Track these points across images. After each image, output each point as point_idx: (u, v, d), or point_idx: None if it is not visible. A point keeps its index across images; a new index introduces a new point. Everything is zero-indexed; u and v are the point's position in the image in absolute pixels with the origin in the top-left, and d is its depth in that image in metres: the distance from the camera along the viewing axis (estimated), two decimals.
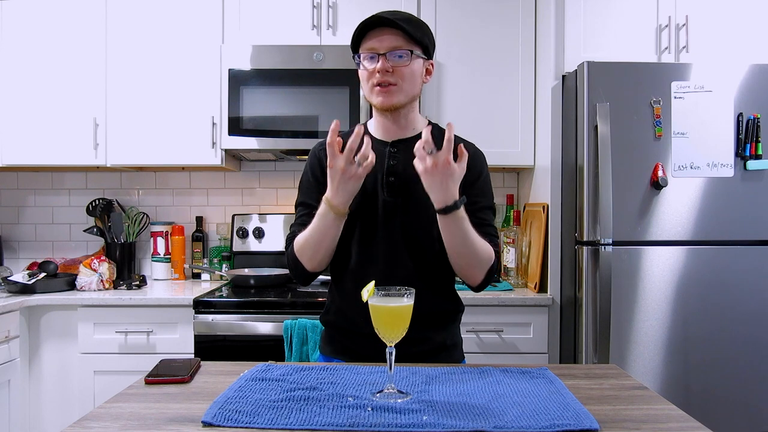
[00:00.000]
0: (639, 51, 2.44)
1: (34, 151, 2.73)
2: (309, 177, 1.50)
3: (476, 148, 1.52)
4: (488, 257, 1.38)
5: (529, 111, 2.70)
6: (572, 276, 2.33)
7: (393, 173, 1.44)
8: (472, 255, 1.36)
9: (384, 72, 1.37)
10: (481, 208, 1.46)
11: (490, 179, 1.52)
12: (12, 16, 2.72)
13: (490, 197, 1.51)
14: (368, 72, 1.40)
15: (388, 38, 1.38)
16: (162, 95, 2.71)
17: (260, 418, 1.00)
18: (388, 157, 1.45)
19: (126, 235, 2.90)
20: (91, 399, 2.39)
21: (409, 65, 1.40)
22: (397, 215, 1.43)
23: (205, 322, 2.32)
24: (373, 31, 1.39)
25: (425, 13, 2.68)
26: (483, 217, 1.45)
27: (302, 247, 1.41)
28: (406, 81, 1.40)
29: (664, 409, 1.07)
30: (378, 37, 1.38)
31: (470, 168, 1.47)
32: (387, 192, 1.43)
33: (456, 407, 1.04)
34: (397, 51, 1.38)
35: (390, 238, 1.42)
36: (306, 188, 1.50)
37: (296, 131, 2.61)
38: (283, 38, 2.68)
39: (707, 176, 2.22)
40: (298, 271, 1.45)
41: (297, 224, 1.47)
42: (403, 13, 1.42)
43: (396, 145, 1.47)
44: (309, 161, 1.52)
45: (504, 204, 2.96)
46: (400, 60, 1.39)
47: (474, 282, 1.42)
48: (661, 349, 2.21)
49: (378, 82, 1.39)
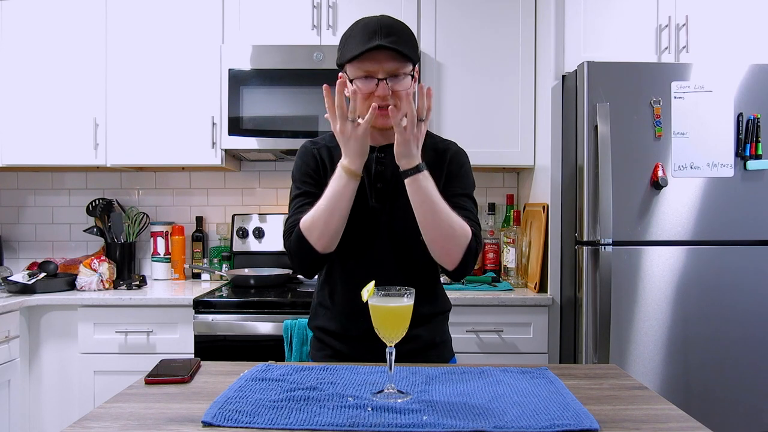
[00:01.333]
0: (639, 51, 2.44)
1: (34, 151, 2.73)
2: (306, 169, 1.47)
3: (457, 146, 1.52)
4: (463, 233, 1.34)
5: (529, 111, 2.70)
6: (572, 276, 2.33)
7: (381, 179, 1.43)
8: (445, 226, 1.32)
9: (384, 97, 1.34)
10: (459, 194, 1.44)
11: (471, 173, 1.51)
12: (12, 16, 2.72)
13: (471, 187, 1.49)
14: (364, 93, 1.36)
15: (387, 63, 1.34)
16: (162, 95, 2.71)
17: (260, 418, 1.00)
18: (376, 162, 1.44)
19: (126, 235, 2.90)
20: (91, 399, 2.39)
21: (409, 86, 1.37)
22: (385, 220, 1.43)
23: (205, 322, 2.32)
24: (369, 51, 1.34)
25: (425, 13, 2.68)
26: (461, 204, 1.42)
27: (313, 221, 1.35)
28: (404, 101, 1.35)
29: (664, 409, 1.07)
30: (376, 61, 1.33)
31: (452, 162, 1.47)
32: (375, 198, 1.43)
33: (456, 407, 1.04)
34: (396, 74, 1.35)
35: (378, 243, 1.42)
36: (301, 179, 1.47)
37: (296, 131, 2.61)
38: (283, 38, 2.68)
39: (707, 176, 2.22)
40: (304, 256, 1.38)
41: (297, 213, 1.42)
42: (393, 28, 1.36)
43: (383, 150, 1.45)
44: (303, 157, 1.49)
45: (504, 204, 2.96)
46: (398, 81, 1.35)
47: (452, 262, 1.36)
48: (661, 349, 2.21)
49: (378, 105, 1.34)
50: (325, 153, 1.48)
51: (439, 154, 1.48)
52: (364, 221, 1.42)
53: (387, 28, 1.35)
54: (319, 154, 1.48)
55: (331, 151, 1.48)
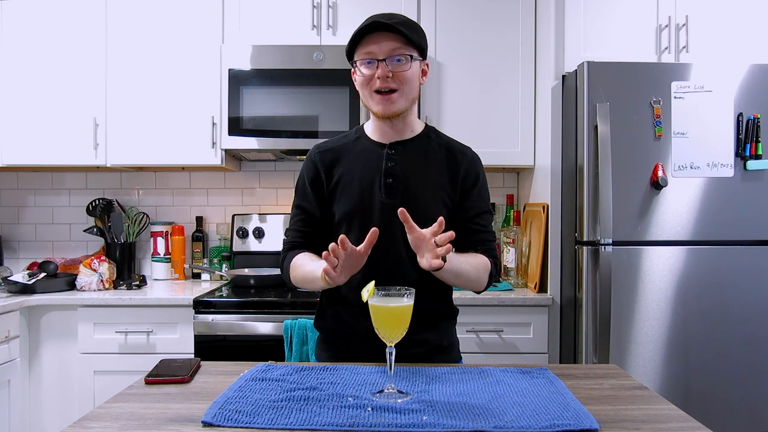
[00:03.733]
0: (639, 51, 2.44)
1: (34, 151, 2.73)
2: (305, 181, 1.51)
3: (473, 152, 1.53)
4: (485, 271, 1.44)
5: (529, 111, 2.70)
6: (572, 276, 2.33)
7: (391, 175, 1.44)
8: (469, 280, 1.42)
9: (384, 78, 1.37)
10: (480, 213, 1.48)
11: (486, 182, 1.54)
12: (12, 16, 2.72)
13: (488, 200, 1.53)
14: (366, 77, 1.39)
15: (387, 42, 1.36)
16: (162, 95, 2.71)
17: (260, 418, 1.00)
18: (386, 159, 1.45)
19: (126, 235, 2.90)
20: (91, 399, 2.39)
21: (409, 69, 1.39)
22: (395, 217, 1.43)
23: (205, 322, 2.32)
24: (370, 35, 1.38)
25: (425, 13, 2.68)
26: (482, 223, 1.48)
27: (295, 277, 1.46)
28: (407, 85, 1.39)
29: (664, 409, 1.07)
30: (376, 42, 1.37)
31: (468, 173, 1.48)
32: (385, 194, 1.43)
33: (456, 407, 1.04)
34: (396, 55, 1.37)
35: (388, 240, 1.42)
36: (302, 192, 1.52)
37: (296, 131, 2.61)
38: (283, 38, 2.68)
39: (707, 176, 2.22)
40: (289, 284, 1.52)
41: (293, 230, 1.52)
42: (399, 16, 1.41)
43: (393, 147, 1.46)
44: (305, 165, 1.52)
45: (504, 204, 2.96)
46: (399, 64, 1.37)
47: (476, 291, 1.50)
48: (661, 349, 2.21)
49: (378, 88, 1.38)
50: (330, 155, 1.49)
51: (453, 155, 1.48)
52: (374, 218, 1.42)
53: (390, 14, 1.40)
54: (321, 158, 1.49)
55: (337, 151, 1.50)
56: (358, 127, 1.55)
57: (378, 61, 1.37)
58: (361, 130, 1.53)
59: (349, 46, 1.42)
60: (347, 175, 1.46)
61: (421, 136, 1.50)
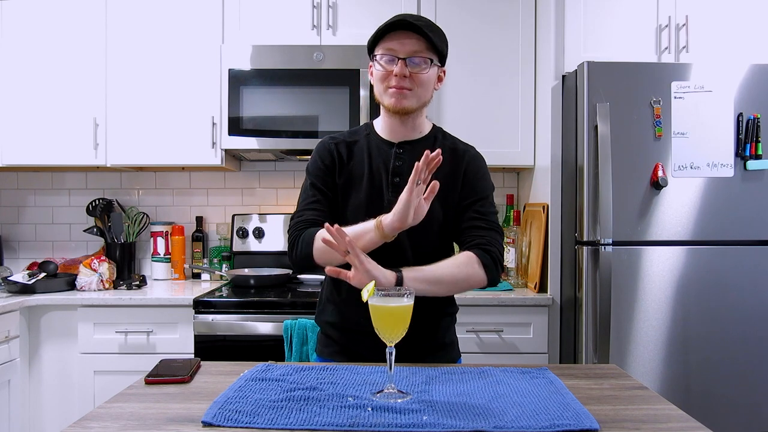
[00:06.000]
0: (639, 51, 2.44)
1: (34, 151, 2.73)
2: (320, 165, 1.48)
3: (476, 151, 1.54)
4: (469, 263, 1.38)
5: (529, 111, 2.70)
6: (572, 276, 2.33)
7: (398, 174, 1.45)
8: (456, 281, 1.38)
9: (401, 77, 1.38)
10: (478, 199, 1.47)
11: (489, 176, 1.54)
12: (12, 16, 2.72)
13: (489, 189, 1.51)
14: (384, 72, 1.40)
15: (410, 42, 1.38)
16: (162, 95, 2.71)
17: (260, 418, 1.00)
18: (394, 158, 1.46)
19: (126, 235, 2.90)
20: (91, 399, 2.39)
21: (427, 73, 1.40)
22: None
23: (205, 322, 2.32)
24: (394, 32, 1.39)
25: (425, 13, 2.68)
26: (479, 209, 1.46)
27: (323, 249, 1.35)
28: (421, 87, 1.41)
29: (664, 409, 1.07)
30: (399, 40, 1.38)
31: (469, 166, 1.49)
32: (392, 193, 1.43)
33: (456, 407, 1.04)
34: (416, 57, 1.38)
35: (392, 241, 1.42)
36: (317, 174, 1.48)
37: (296, 131, 2.61)
38: (283, 38, 2.68)
39: (707, 176, 2.22)
40: (302, 258, 1.41)
41: (310, 208, 1.45)
42: (425, 19, 1.42)
43: (402, 146, 1.48)
44: (320, 151, 1.50)
45: (504, 204, 2.96)
46: (417, 66, 1.39)
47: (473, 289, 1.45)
48: (661, 349, 2.21)
49: (394, 85, 1.39)
50: (344, 148, 1.49)
51: (457, 157, 1.49)
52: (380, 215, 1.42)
53: (418, 16, 1.41)
54: (337, 149, 1.49)
55: (350, 146, 1.50)
56: (368, 123, 1.55)
57: (398, 59, 1.38)
58: (370, 127, 1.53)
59: (372, 39, 1.42)
60: (358, 171, 1.47)
61: (428, 137, 1.51)
